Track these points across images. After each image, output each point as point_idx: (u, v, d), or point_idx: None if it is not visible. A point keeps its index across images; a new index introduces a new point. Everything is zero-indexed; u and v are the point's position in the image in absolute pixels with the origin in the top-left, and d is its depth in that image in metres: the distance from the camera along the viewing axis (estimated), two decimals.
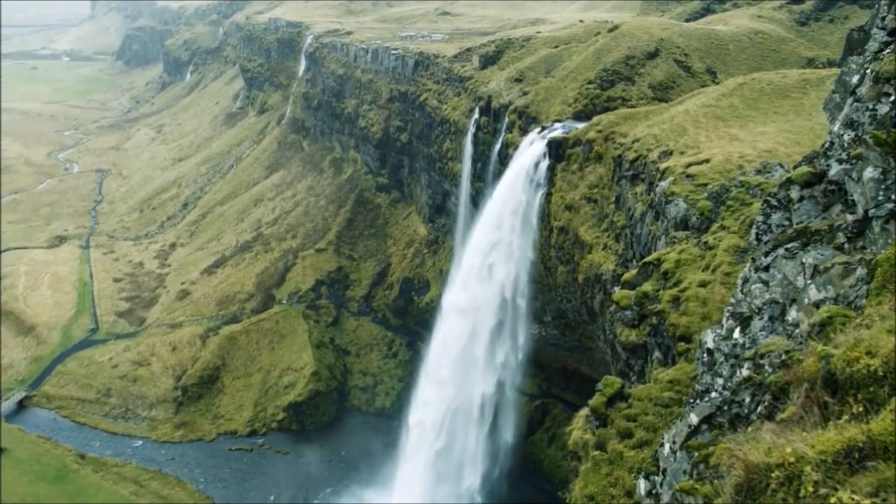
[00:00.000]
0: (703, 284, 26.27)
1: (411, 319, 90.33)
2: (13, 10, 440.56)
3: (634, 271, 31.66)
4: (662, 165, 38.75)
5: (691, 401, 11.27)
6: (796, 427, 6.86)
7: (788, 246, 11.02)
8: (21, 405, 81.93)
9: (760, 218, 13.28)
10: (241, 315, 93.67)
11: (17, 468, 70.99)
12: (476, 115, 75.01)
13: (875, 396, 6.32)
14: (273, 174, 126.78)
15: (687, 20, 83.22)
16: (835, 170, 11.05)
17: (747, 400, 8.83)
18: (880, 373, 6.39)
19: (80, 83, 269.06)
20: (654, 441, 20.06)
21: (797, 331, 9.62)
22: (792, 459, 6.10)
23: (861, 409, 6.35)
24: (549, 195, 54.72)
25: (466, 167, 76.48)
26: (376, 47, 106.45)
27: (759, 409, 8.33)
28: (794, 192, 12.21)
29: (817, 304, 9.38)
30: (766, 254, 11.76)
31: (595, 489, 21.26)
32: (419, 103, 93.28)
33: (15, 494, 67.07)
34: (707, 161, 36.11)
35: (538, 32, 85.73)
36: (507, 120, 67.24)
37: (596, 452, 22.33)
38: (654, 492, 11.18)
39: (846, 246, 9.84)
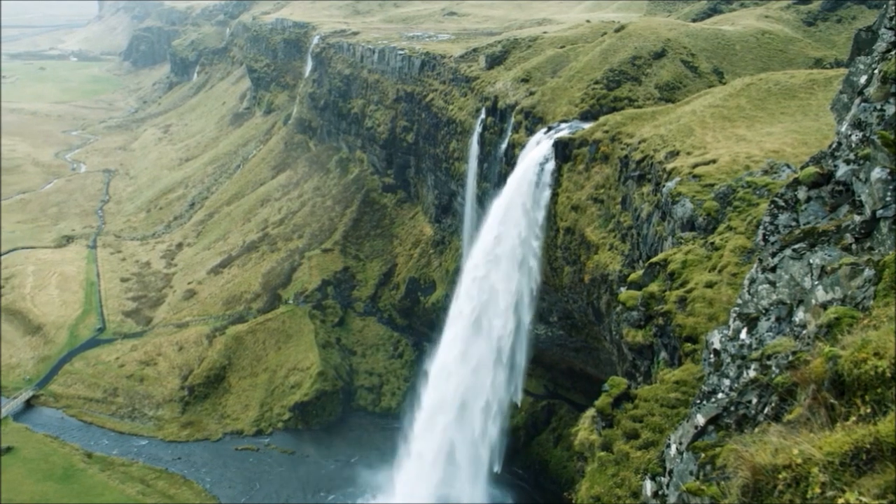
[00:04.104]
0: (709, 285, 26.18)
1: (417, 320, 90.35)
2: (21, 10, 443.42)
3: (641, 272, 31.58)
4: (669, 166, 38.70)
5: (698, 402, 11.25)
6: (803, 428, 6.84)
7: (796, 247, 10.98)
8: (28, 404, 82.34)
9: (767, 218, 13.24)
10: (248, 315, 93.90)
11: (25, 467, 71.35)
12: (482, 116, 74.98)
13: (882, 398, 6.30)
14: (279, 174, 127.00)
15: (693, 20, 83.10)
16: (842, 170, 11.01)
17: (754, 401, 8.80)
18: (888, 374, 6.36)
19: (87, 83, 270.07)
20: (660, 442, 20.02)
21: (804, 332, 9.58)
22: (799, 461, 6.08)
23: (868, 410, 6.32)
24: (555, 195, 54.68)
25: (473, 167, 76.44)
26: (383, 47, 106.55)
27: (766, 410, 8.31)
28: (802, 193, 12.17)
29: (824, 305, 9.34)
30: (773, 254, 11.72)
31: (601, 490, 21.23)
32: (425, 103, 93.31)
33: (22, 493, 67.41)
34: (714, 161, 36.06)
35: (545, 33, 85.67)
36: (513, 120, 67.21)
37: (602, 453, 22.30)
38: (660, 493, 11.16)
39: (854, 247, 9.80)
